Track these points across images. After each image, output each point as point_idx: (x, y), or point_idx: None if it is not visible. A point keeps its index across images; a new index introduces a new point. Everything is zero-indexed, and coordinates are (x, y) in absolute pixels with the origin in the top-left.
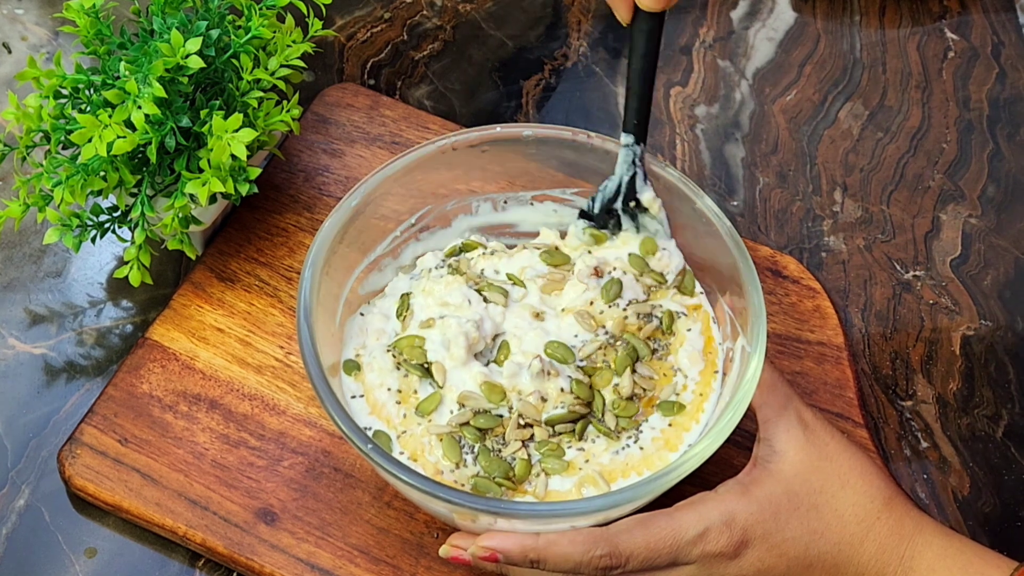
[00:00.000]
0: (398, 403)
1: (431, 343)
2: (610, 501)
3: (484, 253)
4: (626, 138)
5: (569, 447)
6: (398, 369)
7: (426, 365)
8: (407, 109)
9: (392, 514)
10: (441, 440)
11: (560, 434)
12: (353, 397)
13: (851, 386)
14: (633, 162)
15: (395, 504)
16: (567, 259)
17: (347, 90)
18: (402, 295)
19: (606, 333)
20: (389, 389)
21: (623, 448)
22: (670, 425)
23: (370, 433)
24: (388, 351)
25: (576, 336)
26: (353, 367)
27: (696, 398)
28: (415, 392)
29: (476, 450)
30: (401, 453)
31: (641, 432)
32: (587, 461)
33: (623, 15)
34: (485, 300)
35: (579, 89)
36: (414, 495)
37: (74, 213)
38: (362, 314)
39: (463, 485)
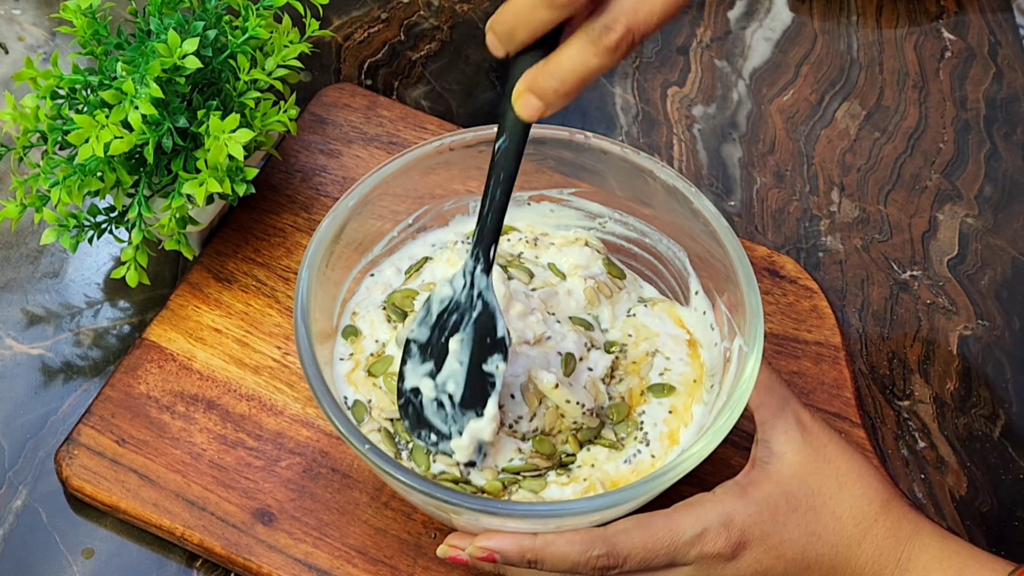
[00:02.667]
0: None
1: (421, 299)
2: (607, 501)
3: (524, 239)
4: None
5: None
6: (388, 322)
7: (407, 312)
8: (404, 109)
9: (390, 514)
10: (380, 431)
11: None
12: (341, 359)
13: (848, 386)
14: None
15: (393, 504)
16: (623, 274)
17: (344, 90)
18: (422, 257)
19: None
20: (376, 341)
21: (634, 456)
22: (670, 412)
23: (349, 403)
24: (382, 307)
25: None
26: (351, 332)
27: (691, 384)
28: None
29: (410, 447)
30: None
31: (647, 432)
32: (592, 466)
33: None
34: (509, 278)
35: None
36: (412, 495)
37: (71, 214)
38: (372, 275)
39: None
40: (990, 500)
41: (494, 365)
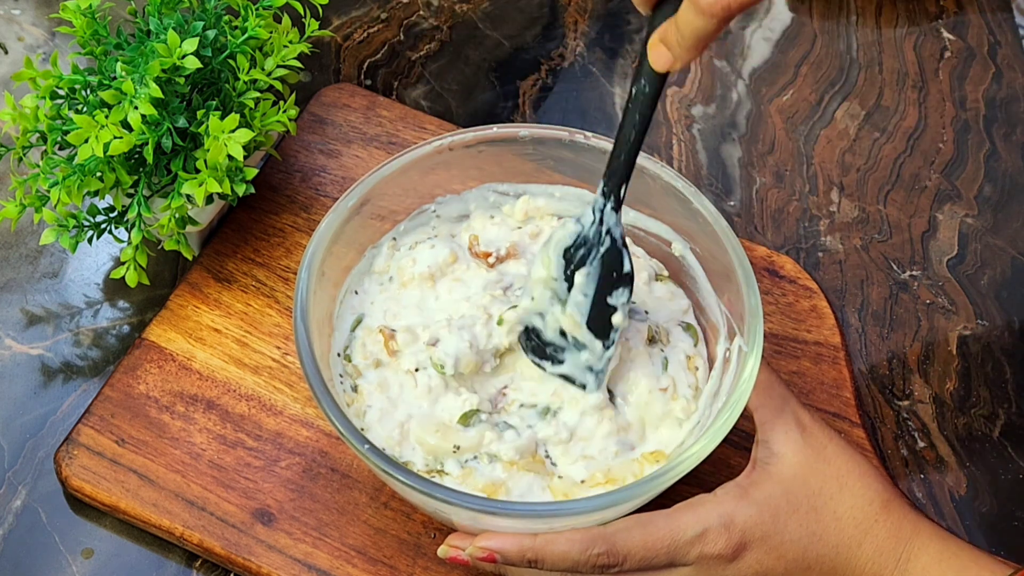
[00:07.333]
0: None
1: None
2: (607, 501)
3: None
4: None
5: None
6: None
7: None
8: (404, 109)
9: (389, 514)
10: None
11: None
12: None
13: (848, 386)
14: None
15: (392, 504)
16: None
17: (344, 90)
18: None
19: None
20: (394, 239)
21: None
22: (687, 357)
23: (350, 321)
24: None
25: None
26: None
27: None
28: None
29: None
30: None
31: (668, 359)
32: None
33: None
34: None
35: (576, 89)
36: (411, 495)
37: (71, 214)
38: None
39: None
40: (990, 500)
41: (619, 299)
